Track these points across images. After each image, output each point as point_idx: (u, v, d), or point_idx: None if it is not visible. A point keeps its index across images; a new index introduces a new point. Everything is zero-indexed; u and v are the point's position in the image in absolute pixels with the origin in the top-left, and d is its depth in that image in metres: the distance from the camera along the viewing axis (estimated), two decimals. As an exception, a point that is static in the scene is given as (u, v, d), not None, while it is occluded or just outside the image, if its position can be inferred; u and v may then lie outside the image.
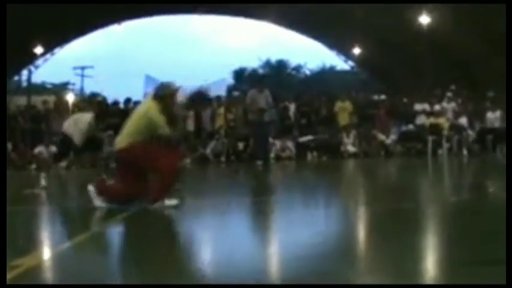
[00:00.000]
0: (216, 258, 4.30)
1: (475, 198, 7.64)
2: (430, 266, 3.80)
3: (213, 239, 5.25)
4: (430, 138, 19.83)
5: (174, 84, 7.37)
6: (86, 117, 10.81)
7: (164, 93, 7.05)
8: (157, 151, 6.82)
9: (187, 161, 19.21)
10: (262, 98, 15.79)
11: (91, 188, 6.96)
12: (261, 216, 6.67)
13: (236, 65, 60.27)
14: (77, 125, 10.62)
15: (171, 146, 6.96)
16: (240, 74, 59.40)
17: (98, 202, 6.90)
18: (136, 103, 16.15)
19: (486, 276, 3.28)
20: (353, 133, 20.58)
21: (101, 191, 6.96)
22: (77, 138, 10.54)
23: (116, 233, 5.84)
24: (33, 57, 39.84)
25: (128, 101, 20.57)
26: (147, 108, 7.01)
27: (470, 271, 3.42)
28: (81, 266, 4.12)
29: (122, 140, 6.94)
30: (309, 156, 20.38)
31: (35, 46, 37.46)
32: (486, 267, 3.50)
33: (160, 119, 6.85)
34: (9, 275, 3.52)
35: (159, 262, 4.15)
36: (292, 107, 22.44)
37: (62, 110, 21.77)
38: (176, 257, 4.48)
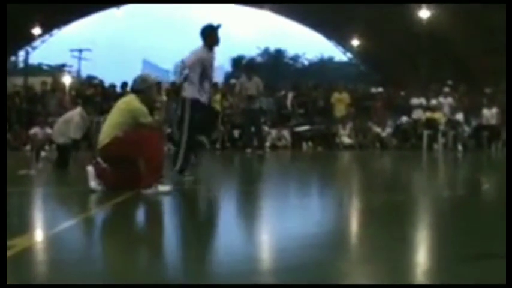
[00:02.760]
0: (204, 244, 4.31)
1: (468, 194, 7.68)
2: (422, 258, 3.82)
3: (202, 225, 5.26)
4: (426, 133, 19.89)
5: (152, 78, 7.64)
6: (75, 112, 10.96)
7: (142, 87, 7.24)
8: (140, 138, 6.86)
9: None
10: (252, 85, 15.53)
11: (90, 168, 6.99)
12: (252, 205, 6.69)
13: (235, 53, 60.22)
14: (69, 123, 10.76)
15: (153, 132, 6.99)
16: (238, 62, 59.35)
17: (94, 184, 6.93)
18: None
19: (477, 270, 3.30)
20: (349, 125, 20.61)
21: (98, 174, 6.99)
22: (74, 133, 10.66)
23: (108, 217, 5.85)
24: (31, 38, 39.69)
25: (124, 85, 20.49)
26: (128, 100, 7.20)
27: (462, 264, 3.44)
28: (73, 248, 4.13)
29: (104, 136, 7.02)
30: (304, 146, 20.42)
31: (33, 27, 37.30)
32: (477, 262, 3.52)
33: (141, 109, 7.03)
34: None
35: (148, 245, 4.18)
36: (289, 96, 22.43)
37: (58, 91, 21.75)
38: (165, 241, 4.49)
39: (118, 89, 21.03)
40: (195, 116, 8.46)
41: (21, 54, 43.46)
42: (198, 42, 8.66)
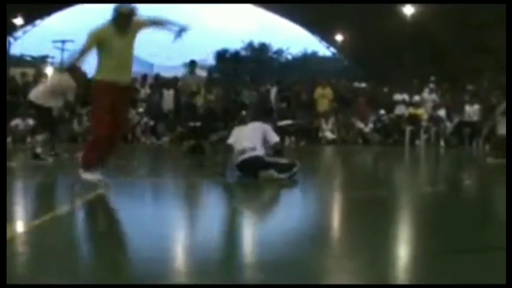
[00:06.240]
0: (179, 238, 4.30)
1: (449, 190, 7.72)
2: (403, 252, 3.84)
3: (177, 218, 5.23)
4: (408, 129, 19.97)
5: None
6: (67, 77, 10.29)
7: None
8: (99, 114, 6.55)
9: (166, 139, 19.17)
10: (194, 81, 15.26)
11: (82, 172, 6.63)
12: (233, 199, 6.68)
13: (219, 46, 60.18)
14: (63, 85, 10.15)
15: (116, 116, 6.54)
16: (222, 56, 59.19)
17: (89, 176, 6.58)
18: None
19: (456, 264, 3.33)
20: (332, 120, 20.63)
21: (82, 164, 6.72)
22: (71, 95, 10.23)
23: (81, 212, 5.76)
24: (13, 29, 39.32)
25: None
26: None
27: (442, 259, 3.46)
28: (55, 240, 4.11)
29: None
30: (287, 140, 20.41)
31: (15, 17, 36.94)
32: (456, 256, 3.54)
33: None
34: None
35: (117, 239, 4.16)
36: (273, 91, 22.42)
37: (40, 82, 21.54)
38: (148, 236, 4.47)
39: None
40: None
41: (3, 44, 43.03)
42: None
